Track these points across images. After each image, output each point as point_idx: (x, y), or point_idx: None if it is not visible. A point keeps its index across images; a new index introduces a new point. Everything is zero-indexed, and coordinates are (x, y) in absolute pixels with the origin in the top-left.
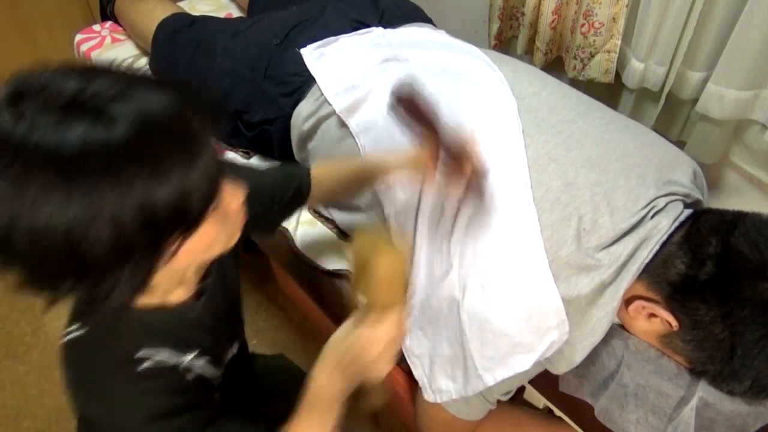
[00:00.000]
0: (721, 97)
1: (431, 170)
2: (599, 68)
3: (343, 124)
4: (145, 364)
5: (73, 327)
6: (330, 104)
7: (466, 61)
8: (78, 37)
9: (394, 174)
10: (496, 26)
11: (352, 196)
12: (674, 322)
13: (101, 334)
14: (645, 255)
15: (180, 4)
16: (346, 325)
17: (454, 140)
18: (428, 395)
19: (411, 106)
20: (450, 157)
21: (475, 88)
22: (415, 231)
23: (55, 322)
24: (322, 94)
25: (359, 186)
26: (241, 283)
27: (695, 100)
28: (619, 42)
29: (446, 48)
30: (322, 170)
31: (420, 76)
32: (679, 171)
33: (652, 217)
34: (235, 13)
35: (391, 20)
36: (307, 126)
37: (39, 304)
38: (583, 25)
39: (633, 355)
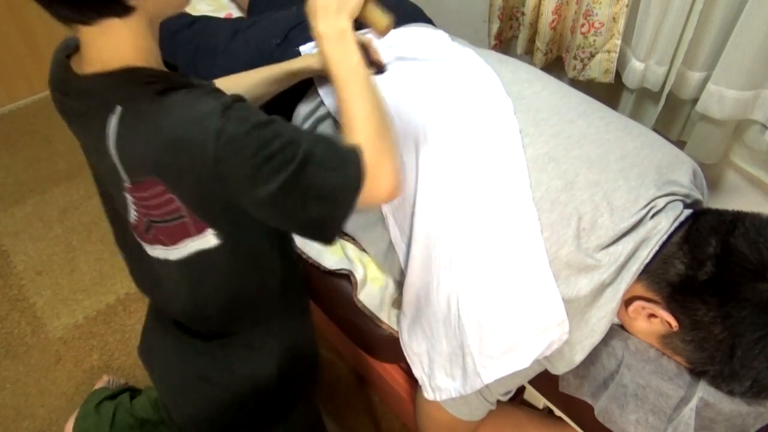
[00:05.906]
0: (721, 97)
1: None
2: (599, 68)
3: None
4: None
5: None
6: (326, 105)
7: (461, 62)
8: None
9: (312, 72)
10: (496, 26)
11: (269, 97)
12: (674, 323)
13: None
14: (645, 255)
15: None
16: None
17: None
18: (428, 394)
19: None
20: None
21: (468, 89)
22: (413, 228)
23: (55, 322)
24: (320, 94)
25: (277, 88)
26: None
27: (695, 100)
28: (619, 42)
29: (442, 49)
30: (225, 82)
31: (415, 78)
32: (679, 171)
33: (652, 217)
34: (235, 13)
35: None
36: (305, 126)
37: (39, 303)
38: (583, 25)
39: (633, 355)
